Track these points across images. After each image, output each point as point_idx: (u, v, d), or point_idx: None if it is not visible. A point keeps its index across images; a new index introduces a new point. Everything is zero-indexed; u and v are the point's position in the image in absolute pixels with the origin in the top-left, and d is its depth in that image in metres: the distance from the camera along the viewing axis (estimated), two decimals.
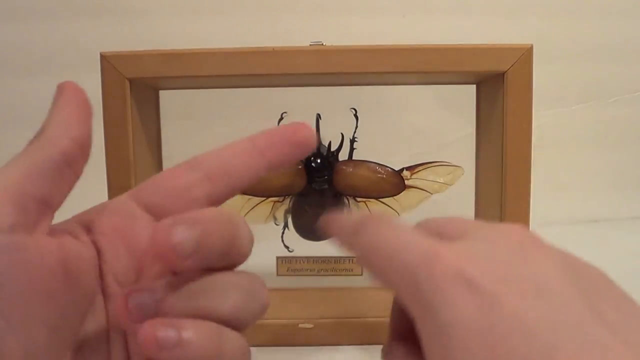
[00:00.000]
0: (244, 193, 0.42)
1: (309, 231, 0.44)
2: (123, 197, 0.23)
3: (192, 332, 0.18)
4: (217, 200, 0.23)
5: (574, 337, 0.14)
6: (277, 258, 0.43)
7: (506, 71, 0.37)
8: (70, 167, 0.20)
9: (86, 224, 0.21)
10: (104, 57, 0.37)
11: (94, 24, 0.64)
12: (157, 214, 0.22)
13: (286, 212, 0.44)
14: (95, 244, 0.21)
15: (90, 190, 0.28)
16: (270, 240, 0.43)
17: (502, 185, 0.38)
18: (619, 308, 0.16)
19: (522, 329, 0.15)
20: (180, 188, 0.22)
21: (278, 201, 0.43)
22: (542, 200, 0.44)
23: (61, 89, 0.22)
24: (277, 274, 0.42)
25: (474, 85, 0.43)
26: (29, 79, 0.64)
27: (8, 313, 0.17)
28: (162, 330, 0.17)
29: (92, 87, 0.38)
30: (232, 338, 0.20)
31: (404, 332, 0.22)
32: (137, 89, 0.38)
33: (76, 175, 0.20)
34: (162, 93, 0.44)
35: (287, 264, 0.43)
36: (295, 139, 0.23)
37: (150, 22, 0.64)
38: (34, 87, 0.64)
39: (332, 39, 0.38)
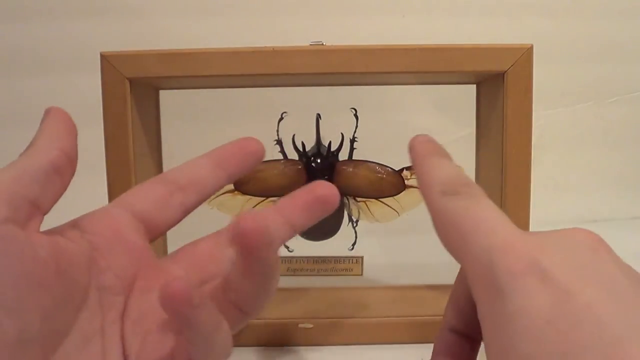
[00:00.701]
0: (244, 193, 0.42)
1: (309, 231, 0.44)
2: (111, 205, 0.25)
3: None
4: (188, 208, 0.26)
5: None
6: None
7: (506, 71, 0.37)
8: (58, 175, 0.21)
9: (78, 226, 0.23)
10: (104, 57, 0.37)
11: (94, 24, 0.64)
12: (144, 221, 0.24)
13: None
14: (90, 242, 0.22)
15: (90, 190, 0.29)
16: None
17: (502, 185, 0.38)
18: None
19: (593, 319, 0.15)
20: (160, 199, 0.25)
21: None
22: (542, 200, 0.44)
23: (48, 111, 0.25)
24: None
25: (474, 85, 0.43)
26: (29, 79, 0.64)
27: (2, 297, 0.18)
28: (192, 290, 0.18)
29: (92, 87, 0.39)
30: None
31: (458, 325, 0.23)
32: (137, 89, 0.38)
33: (63, 183, 0.22)
34: (162, 93, 0.44)
35: (287, 264, 0.43)
36: (246, 151, 0.27)
37: (150, 22, 0.64)
38: (34, 87, 0.65)
39: (332, 39, 0.38)
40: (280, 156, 0.43)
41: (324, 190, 0.25)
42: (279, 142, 0.43)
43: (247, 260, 0.20)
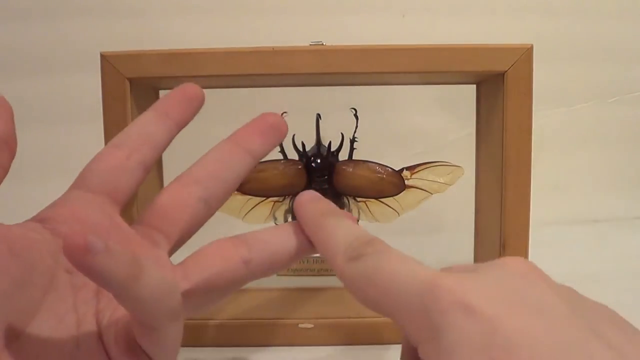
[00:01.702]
0: (244, 193, 0.42)
1: None
2: (70, 189, 0.25)
3: (117, 252, 0.17)
4: (148, 165, 0.26)
5: (580, 354, 0.15)
6: None
7: (506, 71, 0.37)
8: None
9: (39, 219, 0.23)
10: (104, 57, 0.37)
11: (94, 24, 0.64)
12: (107, 193, 0.25)
13: (286, 212, 0.44)
14: (53, 230, 0.22)
15: None
16: None
17: (502, 185, 0.38)
18: (625, 333, 0.17)
19: (526, 343, 0.15)
20: (116, 165, 0.25)
21: (278, 201, 0.43)
22: (542, 200, 0.44)
23: None
24: (277, 274, 0.42)
25: (474, 85, 0.43)
26: (29, 79, 0.64)
27: None
28: (92, 237, 0.17)
29: (92, 87, 0.39)
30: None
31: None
32: (137, 89, 0.38)
33: (3, 169, 0.22)
34: (162, 93, 0.44)
35: None
36: (186, 96, 0.27)
37: (150, 22, 0.64)
38: (34, 87, 0.64)
39: (332, 39, 0.38)
40: (280, 156, 0.43)
41: (273, 118, 0.28)
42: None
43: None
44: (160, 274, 0.19)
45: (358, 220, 0.44)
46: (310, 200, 0.26)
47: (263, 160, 0.40)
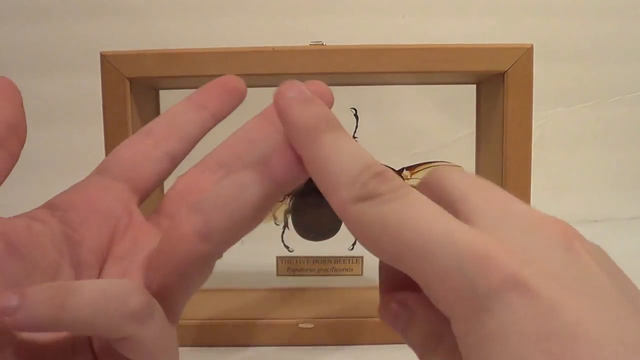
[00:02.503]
0: None
1: (309, 231, 0.44)
2: (91, 175, 0.24)
3: (32, 295, 0.17)
4: (176, 157, 0.25)
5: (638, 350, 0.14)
6: (277, 258, 0.43)
7: (506, 71, 0.37)
8: (3, 148, 0.20)
9: (51, 205, 0.22)
10: (104, 57, 0.37)
11: (94, 24, 0.64)
12: (127, 181, 0.24)
13: (286, 212, 0.44)
14: (61, 219, 0.21)
15: None
16: (271, 240, 0.43)
17: (502, 185, 0.38)
18: None
19: (589, 339, 0.14)
20: (141, 153, 0.24)
21: (278, 201, 0.43)
22: (542, 200, 0.44)
23: None
24: (277, 274, 0.42)
25: (474, 85, 0.43)
26: (29, 79, 0.64)
27: None
28: (4, 299, 0.16)
29: (92, 87, 0.39)
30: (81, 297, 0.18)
31: (397, 286, 0.20)
32: (137, 89, 0.38)
33: (11, 156, 0.21)
34: (162, 93, 0.44)
35: (287, 264, 0.43)
36: (227, 88, 0.26)
37: (150, 22, 0.64)
38: (34, 87, 0.64)
39: (332, 39, 0.38)
40: None
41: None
42: None
43: None
44: (100, 286, 0.18)
45: None
46: (300, 101, 0.19)
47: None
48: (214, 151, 0.26)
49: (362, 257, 0.42)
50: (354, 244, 0.44)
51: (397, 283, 0.20)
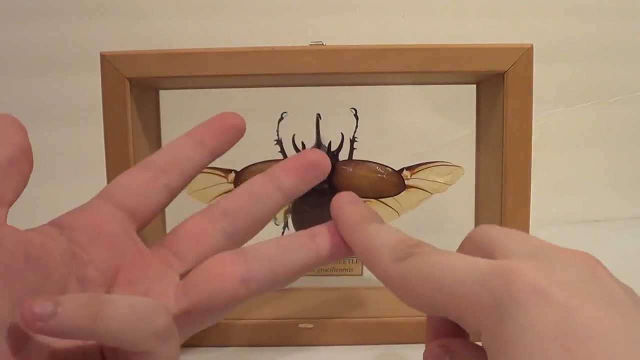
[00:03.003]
0: None
1: None
2: (94, 199, 0.25)
3: (68, 304, 0.18)
4: (173, 190, 0.26)
5: None
6: None
7: (506, 71, 0.37)
8: (17, 168, 0.22)
9: (58, 224, 0.23)
10: (104, 57, 0.37)
11: (94, 24, 0.64)
12: (127, 210, 0.25)
13: (286, 213, 0.44)
14: (70, 238, 0.22)
15: (90, 190, 0.28)
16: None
17: (502, 185, 0.38)
18: None
19: (601, 335, 0.15)
20: (142, 185, 0.25)
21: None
22: (542, 200, 0.44)
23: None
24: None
25: (474, 85, 0.43)
26: (29, 79, 0.64)
27: None
28: (39, 305, 0.18)
29: (92, 87, 0.39)
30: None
31: (440, 335, 0.23)
32: (137, 89, 0.38)
33: (23, 176, 0.22)
34: (162, 93, 0.44)
35: None
36: (225, 126, 0.27)
37: (150, 22, 0.64)
38: (34, 87, 0.64)
39: (332, 39, 0.38)
40: (281, 156, 0.43)
41: (314, 155, 0.26)
42: (279, 142, 0.43)
43: None
44: (130, 302, 0.19)
45: None
46: (350, 203, 0.25)
47: (263, 160, 0.40)
48: (221, 200, 0.27)
49: None
50: None
51: (440, 333, 0.23)
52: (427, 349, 0.23)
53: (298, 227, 0.44)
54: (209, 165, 0.27)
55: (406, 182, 0.42)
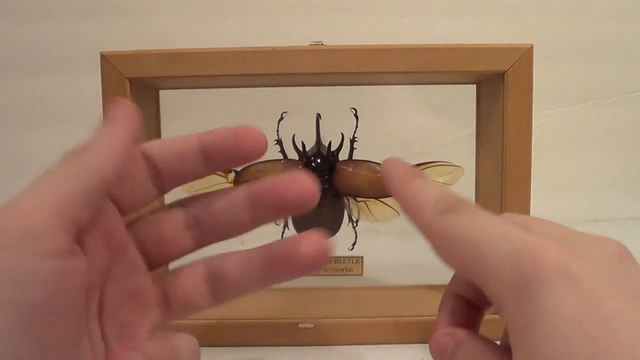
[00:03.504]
0: None
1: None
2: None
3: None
4: (165, 190, 0.24)
5: None
6: None
7: (506, 71, 0.37)
8: (105, 191, 0.20)
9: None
10: (104, 57, 0.37)
11: (94, 24, 0.64)
12: (117, 202, 0.23)
13: None
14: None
15: None
16: (271, 240, 0.43)
17: (502, 185, 0.38)
18: None
19: (625, 325, 0.15)
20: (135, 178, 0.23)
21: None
22: (542, 200, 0.44)
23: (114, 106, 0.24)
24: None
25: (474, 85, 0.43)
26: (29, 79, 0.64)
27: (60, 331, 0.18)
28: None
29: (92, 87, 0.39)
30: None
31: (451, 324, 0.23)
32: (137, 88, 0.38)
33: (105, 198, 0.21)
34: (162, 93, 0.44)
35: None
36: (241, 152, 0.23)
37: (150, 22, 0.64)
38: (34, 87, 0.65)
39: (332, 39, 0.38)
40: (281, 156, 0.43)
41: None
42: (279, 142, 0.43)
43: None
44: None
45: (358, 220, 0.44)
46: (399, 163, 0.26)
47: (263, 160, 0.40)
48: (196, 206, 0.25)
49: (362, 257, 0.42)
50: (354, 244, 0.44)
51: (456, 312, 0.24)
52: (434, 337, 0.23)
53: (298, 227, 0.44)
54: None
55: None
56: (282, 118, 0.43)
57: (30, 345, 0.17)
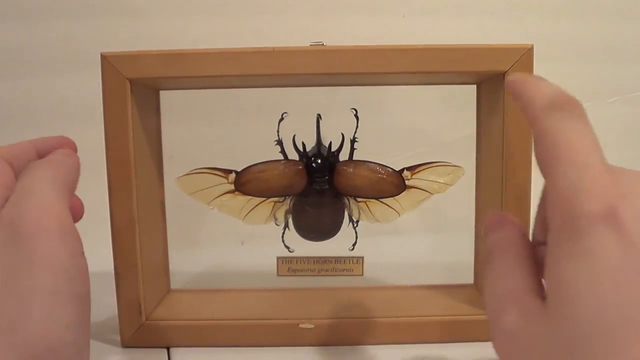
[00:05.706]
0: (245, 194, 0.42)
1: (310, 231, 0.44)
2: None
3: None
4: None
5: None
6: (278, 258, 0.43)
7: (506, 71, 0.37)
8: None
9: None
10: (104, 57, 0.37)
11: (94, 24, 0.64)
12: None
13: (287, 213, 0.44)
14: None
15: (90, 190, 0.29)
16: (271, 240, 0.43)
17: (502, 185, 0.38)
18: None
19: None
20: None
21: (278, 201, 0.43)
22: None
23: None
24: (278, 274, 0.42)
25: (474, 85, 0.43)
26: (29, 79, 0.64)
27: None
28: None
29: (92, 87, 0.39)
30: None
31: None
32: (137, 89, 0.38)
33: None
34: (162, 93, 0.44)
35: (288, 264, 0.43)
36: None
37: (150, 22, 0.64)
38: (34, 87, 0.64)
39: (332, 39, 0.38)
40: (281, 156, 0.43)
41: None
42: (280, 142, 0.43)
43: None
44: None
45: (358, 221, 0.44)
46: (520, 73, 0.26)
47: (264, 160, 0.40)
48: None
49: (362, 257, 0.42)
50: (354, 244, 0.44)
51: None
52: (491, 213, 0.25)
53: (298, 227, 0.44)
54: (209, 166, 0.27)
55: (406, 182, 0.42)
56: (282, 118, 0.42)
57: (85, 335, 0.20)
